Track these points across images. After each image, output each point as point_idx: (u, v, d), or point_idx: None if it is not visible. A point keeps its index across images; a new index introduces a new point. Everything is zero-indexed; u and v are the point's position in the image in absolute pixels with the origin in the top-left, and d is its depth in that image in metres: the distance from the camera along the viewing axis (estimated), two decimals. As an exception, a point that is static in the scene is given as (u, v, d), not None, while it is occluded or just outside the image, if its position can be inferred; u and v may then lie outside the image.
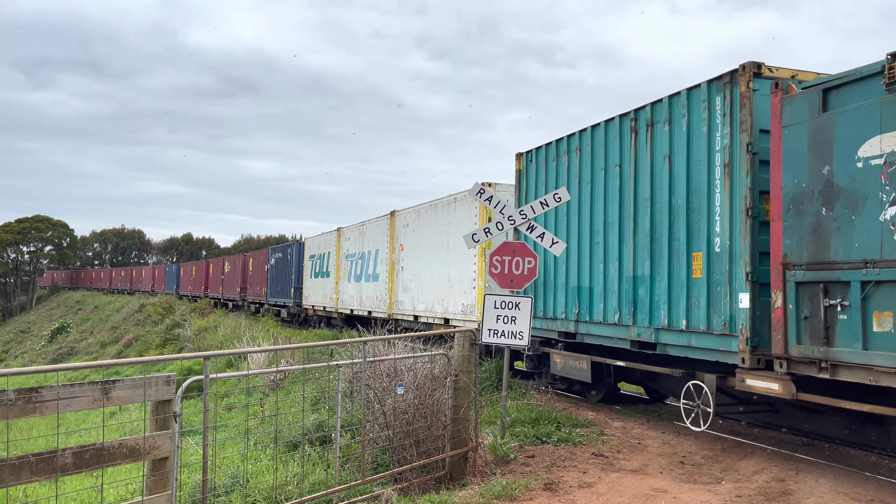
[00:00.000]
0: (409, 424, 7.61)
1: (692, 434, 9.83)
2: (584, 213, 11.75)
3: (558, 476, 7.54)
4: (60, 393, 4.52)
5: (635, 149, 10.53)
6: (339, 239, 26.36)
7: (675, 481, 7.44)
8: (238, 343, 24.09)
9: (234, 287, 42.95)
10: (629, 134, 10.65)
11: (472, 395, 7.83)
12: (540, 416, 10.08)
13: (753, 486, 7.24)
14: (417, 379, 7.90)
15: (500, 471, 7.74)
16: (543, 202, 9.89)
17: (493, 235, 9.97)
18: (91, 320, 64.17)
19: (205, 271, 51.80)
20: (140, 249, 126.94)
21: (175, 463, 5.29)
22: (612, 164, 11.04)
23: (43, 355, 53.71)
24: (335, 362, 6.95)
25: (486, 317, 9.40)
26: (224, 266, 46.90)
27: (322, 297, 28.09)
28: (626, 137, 10.74)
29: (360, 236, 24.23)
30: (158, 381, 5.09)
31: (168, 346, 37.87)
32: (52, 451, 4.52)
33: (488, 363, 14.08)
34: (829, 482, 7.37)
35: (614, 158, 10.97)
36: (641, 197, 10.34)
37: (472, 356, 7.86)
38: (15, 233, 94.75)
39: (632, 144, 10.60)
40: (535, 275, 9.79)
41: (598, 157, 11.38)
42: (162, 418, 5.13)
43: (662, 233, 9.85)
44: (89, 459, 4.70)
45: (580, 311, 11.68)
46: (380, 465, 7.78)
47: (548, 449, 8.76)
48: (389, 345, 11.53)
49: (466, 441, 7.77)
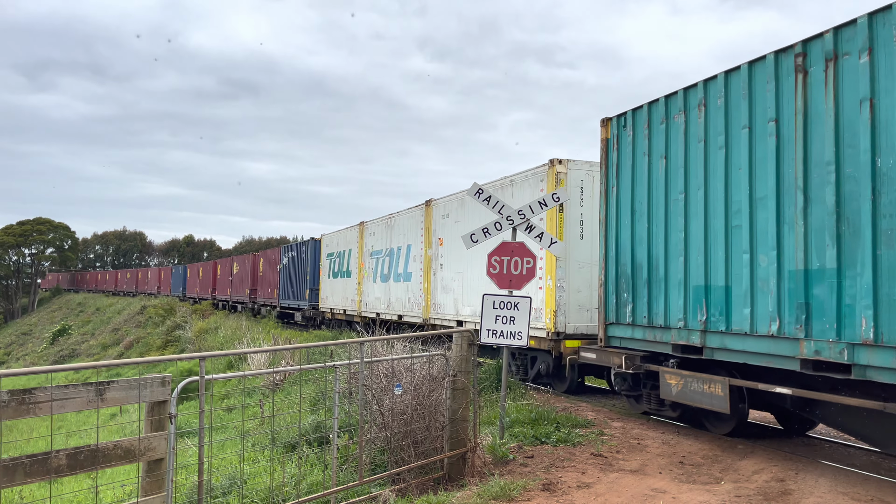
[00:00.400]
0: (407, 425, 7.59)
1: (692, 434, 9.80)
2: (713, 188, 8.92)
3: (557, 476, 7.51)
4: (54, 394, 4.50)
5: (804, 95, 7.76)
6: (362, 234, 23.79)
7: (674, 481, 7.41)
8: (238, 344, 24.09)
9: (244, 289, 41.22)
10: (792, 75, 7.90)
11: (471, 396, 7.81)
12: (539, 417, 10.05)
13: (753, 486, 7.22)
14: (415, 379, 7.88)
15: (499, 471, 7.72)
16: (542, 202, 9.87)
17: (492, 236, 9.94)
18: (92, 322, 64.23)
19: (212, 273, 50.00)
20: (141, 251, 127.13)
21: (171, 464, 5.27)
22: (762, 120, 8.28)
23: (44, 357, 53.77)
24: (332, 363, 6.93)
25: (484, 317, 9.38)
26: (233, 267, 45.15)
27: (342, 299, 25.67)
28: (786, 81, 7.99)
29: (387, 231, 21.67)
30: (154, 383, 5.07)
31: (169, 348, 37.88)
32: (46, 453, 4.50)
33: (487, 365, 14.02)
34: (829, 482, 7.34)
35: (765, 111, 8.22)
36: (817, 161, 7.57)
37: (469, 356, 7.84)
38: (16, 235, 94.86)
39: (798, 89, 7.83)
40: (533, 275, 9.77)
41: (738, 111, 8.62)
42: (157, 419, 5.11)
43: (860, 208, 7.02)
44: (84, 461, 4.68)
45: (709, 317, 8.89)
46: (378, 466, 7.76)
47: (547, 449, 8.74)
48: (389, 345, 11.52)
49: (465, 442, 7.75)
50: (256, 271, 39.46)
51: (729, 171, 8.74)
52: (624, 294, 10.50)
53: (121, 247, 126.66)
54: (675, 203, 9.53)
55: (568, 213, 12.93)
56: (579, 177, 13.03)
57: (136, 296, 72.61)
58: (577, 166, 12.92)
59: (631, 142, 10.50)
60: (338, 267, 26.43)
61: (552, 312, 12.81)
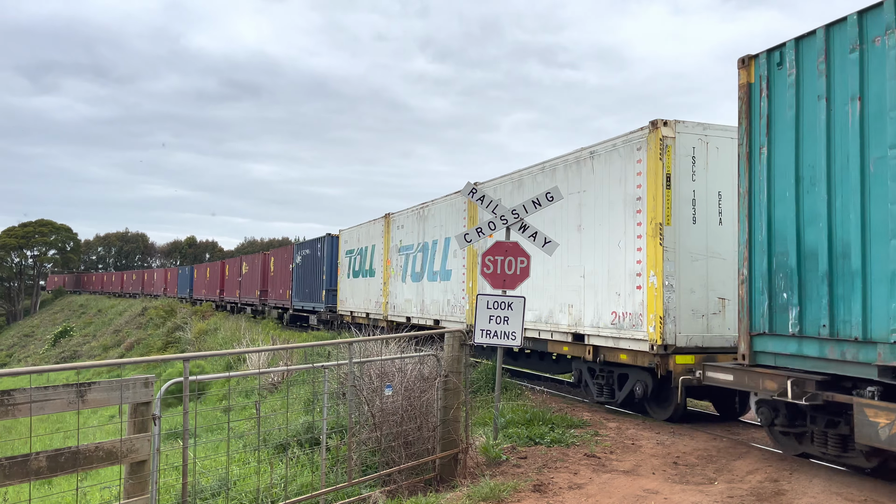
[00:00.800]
0: (398, 426, 7.54)
1: (688, 434, 9.74)
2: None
3: (548, 477, 7.46)
4: (33, 396, 4.46)
5: None
6: (388, 228, 21.11)
7: (667, 482, 7.36)
8: (237, 345, 24.08)
9: (253, 290, 39.09)
10: None
11: (463, 396, 7.76)
12: (534, 417, 10.00)
13: (746, 487, 7.16)
14: (406, 380, 7.83)
15: (491, 472, 7.67)
16: (535, 201, 9.81)
17: (483, 236, 9.89)
18: (94, 324, 64.31)
19: (220, 273, 47.76)
20: (143, 253, 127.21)
21: (155, 466, 5.23)
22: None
23: (46, 359, 53.86)
24: (320, 364, 6.89)
25: (478, 317, 9.33)
26: (241, 267, 42.92)
27: (364, 302, 22.99)
28: None
29: (418, 223, 18.91)
30: (136, 384, 5.02)
31: (170, 349, 37.90)
32: (26, 455, 4.46)
33: (484, 365, 13.93)
34: (823, 482, 7.28)
35: None
36: None
37: (461, 357, 7.80)
38: (19, 237, 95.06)
39: None
40: (527, 275, 9.71)
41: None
42: (140, 421, 5.07)
43: None
44: (64, 463, 4.64)
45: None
46: (369, 468, 7.72)
47: (541, 450, 8.68)
48: (384, 345, 11.48)
49: (457, 442, 7.70)
50: (267, 271, 37.35)
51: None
52: (783, 294, 7.79)
53: (123, 248, 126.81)
54: (879, 163, 6.75)
55: (677, 190, 10.05)
56: (690, 143, 10.20)
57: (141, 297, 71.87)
58: (687, 129, 10.19)
59: (794, 83, 7.74)
60: (359, 265, 23.86)
61: (658, 319, 9.91)
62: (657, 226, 10.02)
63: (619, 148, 10.94)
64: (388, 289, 20.86)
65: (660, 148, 10.05)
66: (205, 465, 8.70)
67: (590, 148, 11.67)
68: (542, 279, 12.63)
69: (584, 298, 11.60)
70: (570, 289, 11.98)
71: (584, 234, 11.71)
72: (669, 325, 9.90)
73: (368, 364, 7.91)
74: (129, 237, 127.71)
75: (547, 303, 12.60)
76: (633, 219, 10.62)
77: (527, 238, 9.88)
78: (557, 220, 12.32)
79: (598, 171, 11.43)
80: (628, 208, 10.74)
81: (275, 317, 35.25)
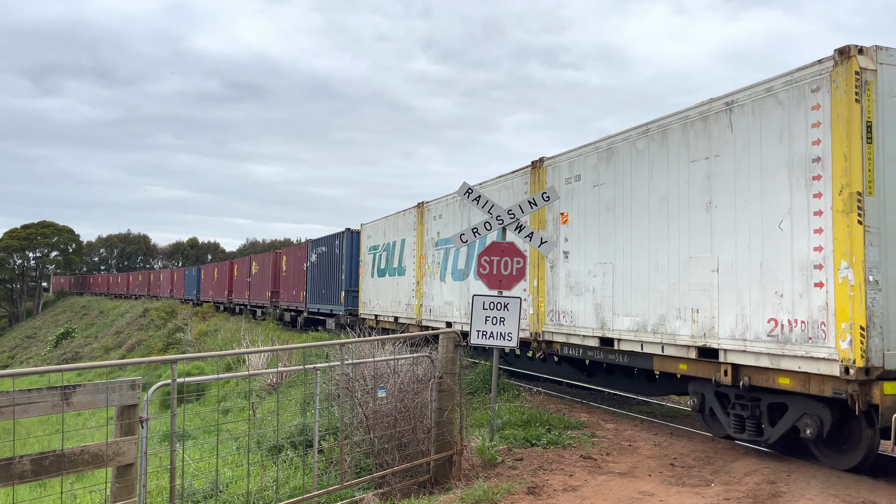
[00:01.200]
0: (392, 428, 7.48)
1: (686, 435, 9.67)
2: None
3: (543, 480, 7.39)
4: (17, 398, 4.41)
5: None
6: (422, 219, 18.01)
7: (662, 484, 7.29)
8: (236, 346, 24.07)
9: (264, 291, 36.40)
10: None
11: (457, 398, 7.70)
12: (532, 419, 9.94)
13: (743, 489, 7.09)
14: (400, 381, 7.77)
15: (486, 474, 7.61)
16: (532, 201, 9.77)
17: (481, 236, 9.83)
18: (96, 325, 64.36)
19: (228, 274, 45.14)
20: (146, 254, 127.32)
21: (142, 469, 5.18)
22: None
23: (48, 360, 53.92)
24: (311, 366, 6.84)
25: (474, 318, 9.28)
26: (251, 267, 40.04)
27: (392, 304, 19.98)
28: None
29: (462, 211, 15.79)
30: (123, 386, 4.97)
31: (170, 350, 37.92)
32: (9, 459, 4.41)
33: (483, 366, 13.85)
34: (821, 484, 7.20)
35: None
36: None
37: (456, 358, 7.74)
38: (21, 239, 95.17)
39: None
40: (523, 275, 9.66)
41: None
42: (127, 424, 5.02)
43: None
44: (49, 466, 4.59)
45: None
46: (363, 470, 7.66)
47: (537, 452, 8.62)
48: (380, 346, 11.42)
49: (451, 444, 7.64)
50: (279, 271, 34.48)
51: None
52: None
53: (125, 249, 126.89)
54: None
55: (882, 145, 7.08)
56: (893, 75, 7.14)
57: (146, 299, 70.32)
58: (893, 58, 7.20)
59: None
60: (385, 263, 20.81)
61: (859, 330, 6.93)
62: (853, 196, 7.02)
63: (776, 93, 7.98)
64: (423, 289, 17.82)
65: (856, 86, 7.12)
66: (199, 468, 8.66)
67: (723, 98, 8.67)
68: (645, 276, 9.81)
69: (719, 301, 8.57)
70: (695, 288, 8.97)
71: (716, 214, 8.67)
72: (875, 339, 6.91)
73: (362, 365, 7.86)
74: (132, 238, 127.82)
75: (655, 307, 9.58)
76: (805, 189, 7.59)
77: (523, 238, 9.84)
78: (671, 197, 9.38)
79: (739, 127, 8.44)
80: (797, 175, 7.69)
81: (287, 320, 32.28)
